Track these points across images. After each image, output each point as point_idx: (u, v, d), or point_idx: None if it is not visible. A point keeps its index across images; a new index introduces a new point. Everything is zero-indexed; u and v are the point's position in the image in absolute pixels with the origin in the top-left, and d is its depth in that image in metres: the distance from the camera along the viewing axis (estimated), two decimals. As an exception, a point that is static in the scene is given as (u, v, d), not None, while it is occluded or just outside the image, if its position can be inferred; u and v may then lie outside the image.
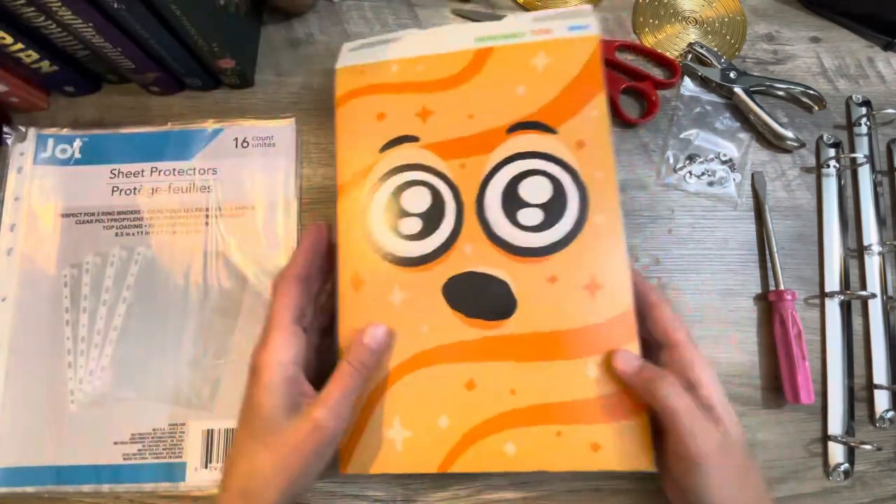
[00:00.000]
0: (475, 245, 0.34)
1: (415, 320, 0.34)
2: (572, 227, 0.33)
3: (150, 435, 0.37)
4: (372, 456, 0.33)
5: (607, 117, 0.34)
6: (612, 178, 0.34)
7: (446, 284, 0.34)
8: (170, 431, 0.37)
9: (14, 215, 0.41)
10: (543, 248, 0.33)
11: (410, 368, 0.33)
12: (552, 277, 0.33)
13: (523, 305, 0.33)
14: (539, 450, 0.32)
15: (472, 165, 0.35)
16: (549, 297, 0.33)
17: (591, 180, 0.34)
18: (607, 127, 0.34)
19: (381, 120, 0.37)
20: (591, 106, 0.34)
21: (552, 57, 0.35)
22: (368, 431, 0.33)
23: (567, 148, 0.34)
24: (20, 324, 0.39)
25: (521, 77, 0.36)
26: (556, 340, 0.32)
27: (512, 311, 0.33)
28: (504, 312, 0.33)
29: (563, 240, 0.33)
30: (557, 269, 0.33)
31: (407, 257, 0.34)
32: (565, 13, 0.37)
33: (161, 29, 0.36)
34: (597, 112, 0.34)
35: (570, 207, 0.34)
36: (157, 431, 0.37)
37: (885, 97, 0.46)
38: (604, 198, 0.33)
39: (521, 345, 0.33)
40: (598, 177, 0.34)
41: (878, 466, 0.39)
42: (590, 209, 0.33)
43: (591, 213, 0.33)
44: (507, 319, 0.33)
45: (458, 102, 0.36)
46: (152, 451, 0.37)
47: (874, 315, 0.41)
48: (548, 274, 0.33)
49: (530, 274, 0.33)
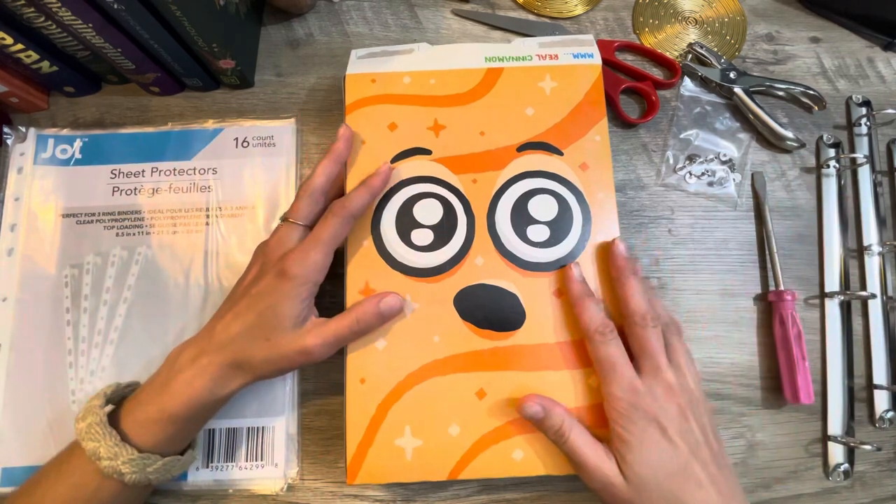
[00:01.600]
0: (486, 258, 0.35)
1: (426, 330, 0.34)
2: (577, 244, 0.35)
3: (150, 435, 0.37)
4: (381, 466, 0.33)
5: (608, 142, 0.37)
6: (612, 198, 0.36)
7: (458, 296, 0.35)
8: (170, 431, 0.37)
9: (14, 216, 0.41)
10: (550, 264, 0.35)
11: (422, 378, 0.34)
12: (558, 291, 0.35)
13: (531, 317, 0.34)
14: (545, 455, 0.33)
15: (483, 181, 0.36)
16: (556, 310, 0.34)
17: (593, 201, 0.36)
18: (608, 151, 0.37)
19: (394, 130, 0.37)
20: (595, 131, 0.37)
21: (558, 81, 0.38)
22: (378, 442, 0.33)
23: (572, 169, 0.37)
24: (21, 324, 0.39)
25: (530, 98, 0.38)
26: (561, 351, 0.34)
27: (521, 323, 0.34)
28: (514, 324, 0.34)
29: (568, 256, 0.35)
30: (563, 283, 0.35)
31: (419, 268, 0.35)
32: (569, 40, 0.40)
33: (161, 29, 0.36)
34: (599, 137, 0.37)
35: (575, 225, 0.36)
36: (157, 431, 0.37)
37: (885, 97, 0.46)
38: (605, 217, 0.36)
39: (529, 355, 0.34)
40: (600, 197, 0.36)
41: (877, 466, 0.39)
42: (592, 228, 0.36)
43: (594, 232, 0.36)
44: (517, 331, 0.34)
45: (470, 119, 0.37)
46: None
47: (874, 315, 0.41)
48: (554, 288, 0.35)
49: (537, 287, 0.35)
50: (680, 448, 0.30)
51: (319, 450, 0.38)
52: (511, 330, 0.34)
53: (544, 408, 0.31)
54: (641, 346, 0.32)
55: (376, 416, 0.33)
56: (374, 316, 0.33)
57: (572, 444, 0.31)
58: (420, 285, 0.35)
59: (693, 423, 0.31)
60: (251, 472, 0.37)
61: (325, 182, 0.35)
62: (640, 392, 0.31)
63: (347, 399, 0.34)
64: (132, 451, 0.30)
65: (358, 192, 0.34)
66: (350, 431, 0.33)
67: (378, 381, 0.34)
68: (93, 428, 0.30)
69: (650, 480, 0.29)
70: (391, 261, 0.35)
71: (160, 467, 0.31)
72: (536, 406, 0.31)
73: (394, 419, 0.33)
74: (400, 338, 0.34)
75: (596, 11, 0.47)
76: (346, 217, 0.33)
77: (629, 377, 0.31)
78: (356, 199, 0.34)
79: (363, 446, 0.33)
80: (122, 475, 0.30)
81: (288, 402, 0.38)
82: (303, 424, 0.38)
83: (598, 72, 0.38)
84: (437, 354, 0.34)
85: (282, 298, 0.32)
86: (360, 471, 0.33)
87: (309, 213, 0.34)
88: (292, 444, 0.38)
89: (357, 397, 0.34)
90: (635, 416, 0.30)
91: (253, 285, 0.33)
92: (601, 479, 0.30)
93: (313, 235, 0.33)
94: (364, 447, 0.33)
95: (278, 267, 0.32)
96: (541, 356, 0.34)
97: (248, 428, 0.38)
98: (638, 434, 0.30)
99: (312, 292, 0.33)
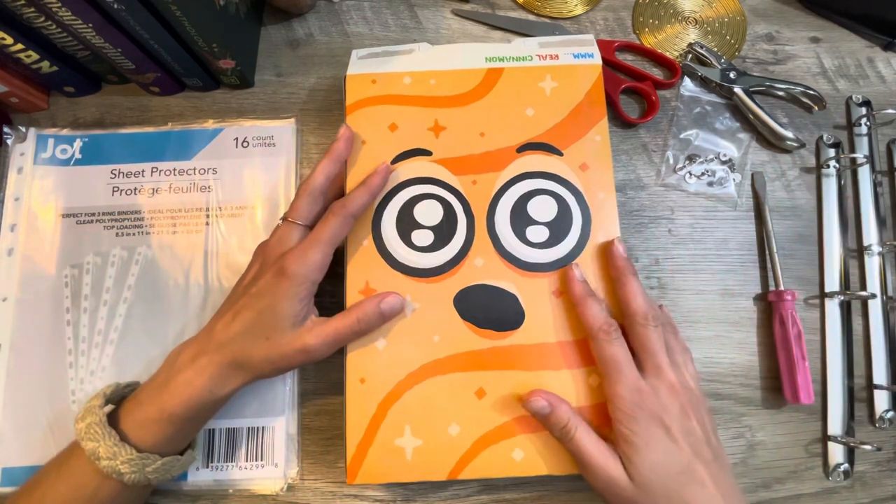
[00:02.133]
0: (486, 258, 0.35)
1: (426, 330, 0.34)
2: (576, 245, 0.35)
3: (150, 435, 0.37)
4: (381, 466, 0.33)
5: (609, 142, 0.37)
6: (612, 199, 0.36)
7: (458, 296, 0.35)
8: (170, 431, 0.37)
9: (14, 215, 0.41)
10: (549, 264, 0.35)
11: (422, 377, 0.34)
12: (557, 291, 0.35)
13: (531, 317, 0.34)
14: (545, 454, 0.33)
15: (483, 182, 0.37)
16: (555, 310, 0.35)
17: (593, 201, 0.36)
18: (609, 151, 0.37)
19: (394, 131, 0.37)
20: (595, 131, 0.37)
21: (558, 82, 0.38)
22: (378, 442, 0.33)
23: (572, 170, 0.37)
24: (21, 324, 0.39)
25: (530, 99, 0.38)
26: (560, 351, 0.34)
27: (520, 323, 0.34)
28: (513, 324, 0.34)
29: (567, 256, 0.35)
30: (562, 283, 0.35)
31: (419, 268, 0.35)
32: (569, 40, 0.40)
33: (161, 29, 0.36)
34: (600, 137, 0.37)
35: (575, 226, 0.36)
36: (157, 431, 0.37)
37: (885, 97, 0.46)
38: (605, 217, 0.36)
39: (528, 355, 0.34)
40: (600, 198, 0.36)
41: (877, 466, 0.39)
42: (592, 228, 0.36)
43: (594, 232, 0.36)
44: (516, 330, 0.34)
45: (470, 120, 0.37)
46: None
47: (874, 315, 0.41)
48: (553, 288, 0.35)
49: (537, 288, 0.35)
50: (683, 447, 0.30)
51: (319, 450, 0.38)
52: (510, 329, 0.34)
53: (550, 404, 0.31)
54: (644, 345, 0.32)
55: (376, 415, 0.33)
56: (375, 316, 0.33)
57: (578, 441, 0.31)
58: (420, 285, 0.35)
59: (694, 421, 0.31)
60: (251, 472, 0.37)
61: (325, 182, 0.35)
62: (644, 392, 0.31)
63: (347, 399, 0.34)
64: (131, 450, 0.30)
65: (358, 192, 0.34)
66: (350, 431, 0.33)
67: (378, 381, 0.34)
68: (92, 428, 0.30)
69: (655, 481, 0.29)
70: (391, 261, 0.35)
71: (159, 467, 0.31)
72: (543, 401, 0.31)
73: (394, 419, 0.33)
74: (400, 338, 0.34)
75: (596, 11, 0.47)
76: (346, 217, 0.33)
77: (634, 377, 0.31)
78: (356, 198, 0.34)
79: (363, 446, 0.33)
80: (121, 475, 0.30)
81: (288, 402, 0.38)
82: (303, 424, 0.38)
83: (598, 72, 0.38)
84: (437, 354, 0.34)
85: (281, 298, 0.32)
86: (359, 471, 0.33)
87: (308, 213, 0.34)
88: (292, 444, 0.38)
89: (357, 397, 0.34)
90: (640, 416, 0.30)
91: (252, 285, 0.33)
92: (605, 478, 0.30)
93: (313, 235, 0.33)
94: (364, 447, 0.33)
95: (277, 266, 0.32)
96: (540, 356, 0.34)
97: (248, 428, 0.38)
98: (643, 434, 0.30)
99: (311, 291, 0.33)
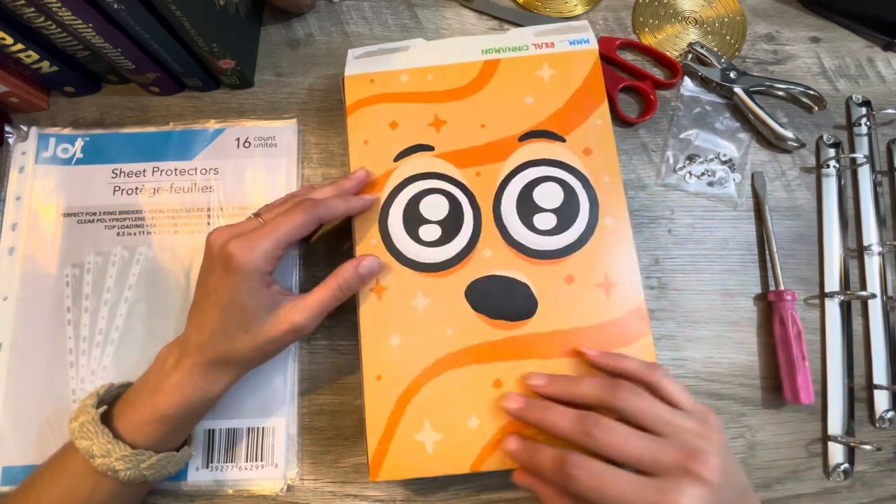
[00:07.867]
0: (494, 249, 0.35)
1: (439, 324, 0.34)
2: (585, 230, 0.35)
3: (150, 434, 0.37)
4: (403, 461, 0.33)
5: (610, 125, 0.37)
6: (618, 181, 0.36)
7: (468, 288, 0.35)
8: (171, 431, 0.37)
9: (15, 215, 0.41)
10: (559, 251, 0.35)
11: (438, 371, 0.34)
12: (569, 277, 0.35)
13: (543, 305, 0.34)
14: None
15: (487, 173, 0.37)
16: (568, 297, 0.35)
17: (599, 185, 0.36)
18: (611, 133, 0.37)
19: (395, 129, 0.38)
20: (596, 115, 0.37)
21: (556, 69, 0.38)
22: (398, 437, 0.33)
23: (575, 155, 0.37)
24: (22, 323, 0.39)
25: (529, 88, 0.38)
26: (576, 337, 0.34)
27: (533, 312, 0.34)
28: (526, 313, 0.34)
29: (576, 242, 0.35)
30: (573, 269, 0.35)
31: (428, 263, 0.35)
32: (564, 27, 0.40)
33: (161, 29, 0.36)
34: (601, 120, 0.37)
35: (582, 211, 0.36)
36: (157, 431, 0.37)
37: (885, 97, 0.46)
38: (612, 200, 0.36)
39: (543, 343, 0.34)
40: (606, 181, 0.36)
41: (877, 466, 0.39)
42: (600, 212, 0.36)
43: (602, 216, 0.36)
44: (530, 319, 0.34)
45: (470, 112, 0.38)
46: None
47: (874, 315, 0.41)
48: (564, 274, 0.35)
49: (548, 275, 0.35)
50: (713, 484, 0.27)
51: (319, 450, 0.38)
52: (524, 319, 0.34)
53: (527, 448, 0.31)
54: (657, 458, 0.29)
55: (395, 411, 0.33)
56: (354, 279, 0.34)
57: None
58: (430, 280, 0.35)
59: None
60: (251, 472, 0.37)
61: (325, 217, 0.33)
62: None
63: (365, 396, 0.34)
64: (125, 447, 0.30)
65: (333, 200, 0.34)
66: (370, 428, 0.33)
67: (394, 377, 0.34)
68: (85, 426, 0.30)
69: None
70: (400, 257, 0.35)
71: (155, 463, 0.31)
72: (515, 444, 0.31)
73: (412, 414, 0.33)
74: (413, 333, 0.34)
75: (596, 11, 0.47)
76: (311, 217, 0.32)
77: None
78: (330, 206, 0.33)
79: (384, 443, 0.33)
80: (116, 472, 0.30)
81: (288, 402, 0.38)
82: (303, 424, 0.38)
83: (595, 56, 0.38)
84: (451, 347, 0.34)
85: (237, 294, 0.31)
86: (382, 467, 0.33)
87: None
88: (292, 445, 0.38)
89: (375, 394, 0.34)
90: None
91: (207, 280, 0.32)
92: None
93: (268, 224, 0.32)
94: (385, 443, 0.33)
95: (223, 257, 0.31)
96: (556, 343, 0.34)
97: (248, 428, 0.38)
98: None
99: (266, 281, 0.32)
